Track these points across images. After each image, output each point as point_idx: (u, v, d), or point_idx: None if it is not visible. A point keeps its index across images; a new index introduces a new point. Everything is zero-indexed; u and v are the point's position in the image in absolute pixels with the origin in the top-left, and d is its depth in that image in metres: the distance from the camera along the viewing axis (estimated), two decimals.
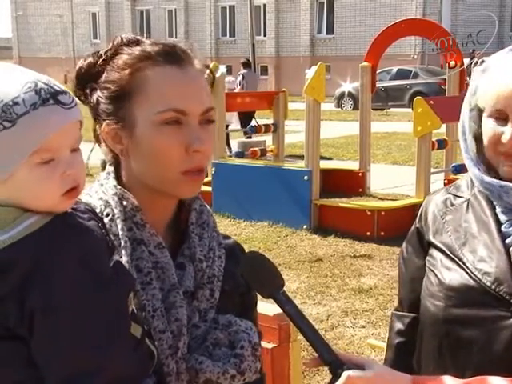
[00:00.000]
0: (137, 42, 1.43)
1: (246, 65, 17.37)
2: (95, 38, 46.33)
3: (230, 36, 41.31)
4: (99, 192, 1.44)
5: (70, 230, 1.19)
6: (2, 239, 1.14)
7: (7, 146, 1.14)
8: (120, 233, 1.38)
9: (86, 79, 1.42)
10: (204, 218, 1.50)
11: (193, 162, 1.38)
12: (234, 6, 40.69)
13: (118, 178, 1.45)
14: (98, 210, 1.38)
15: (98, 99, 1.40)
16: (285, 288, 1.39)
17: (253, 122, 12.02)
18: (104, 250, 1.24)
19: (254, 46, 19.91)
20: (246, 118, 14.80)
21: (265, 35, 39.44)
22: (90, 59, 1.43)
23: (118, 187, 1.42)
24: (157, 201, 1.43)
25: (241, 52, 37.11)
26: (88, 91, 1.42)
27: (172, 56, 1.39)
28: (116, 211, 1.40)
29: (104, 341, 1.16)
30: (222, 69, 9.55)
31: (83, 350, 1.14)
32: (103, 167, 1.49)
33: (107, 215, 1.40)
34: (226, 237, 1.58)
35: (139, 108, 1.37)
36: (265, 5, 39.10)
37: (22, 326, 1.14)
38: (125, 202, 1.41)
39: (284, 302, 1.33)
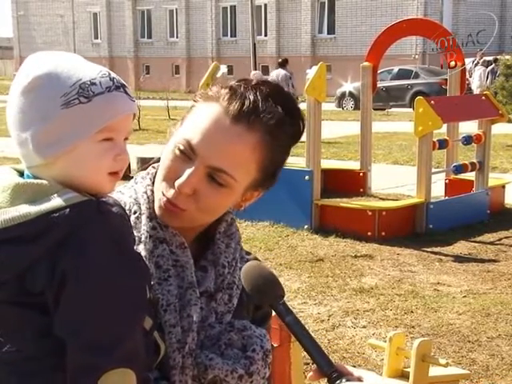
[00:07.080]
0: (244, 85, 1.43)
1: (279, 64, 17.25)
2: (96, 37, 46.32)
3: (231, 36, 41.29)
4: (131, 190, 1.49)
5: (106, 212, 1.25)
6: (44, 207, 1.21)
7: (79, 120, 1.23)
8: (143, 229, 1.43)
9: None
10: (232, 230, 1.55)
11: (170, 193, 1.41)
12: (235, 6, 40.67)
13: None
14: (126, 207, 1.42)
15: None
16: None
17: None
18: (134, 238, 1.34)
19: (255, 45, 19.88)
20: None
21: (266, 35, 39.40)
22: None
23: (150, 187, 1.46)
24: None
25: (242, 52, 37.11)
26: None
27: (230, 105, 1.40)
28: (143, 208, 1.44)
29: (130, 314, 1.22)
30: (223, 69, 9.54)
31: (111, 318, 1.20)
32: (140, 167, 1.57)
33: (134, 212, 1.44)
34: (247, 253, 1.61)
35: (175, 126, 1.47)
36: (266, 5, 39.07)
37: (50, 289, 1.19)
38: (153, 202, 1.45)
39: (284, 312, 1.33)
